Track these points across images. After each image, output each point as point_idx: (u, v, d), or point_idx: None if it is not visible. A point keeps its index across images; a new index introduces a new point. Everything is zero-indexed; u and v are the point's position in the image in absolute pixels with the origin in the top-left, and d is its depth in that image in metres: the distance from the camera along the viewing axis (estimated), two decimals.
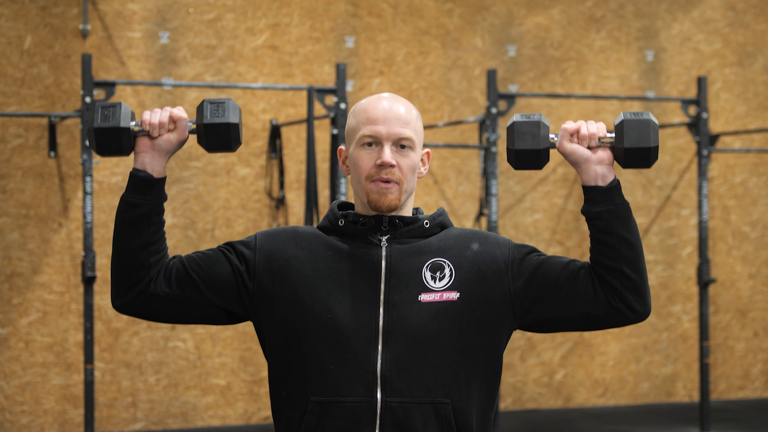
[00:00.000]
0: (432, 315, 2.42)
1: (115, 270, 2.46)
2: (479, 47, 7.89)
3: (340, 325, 2.41)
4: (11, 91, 6.91)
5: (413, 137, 2.48)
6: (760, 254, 8.55)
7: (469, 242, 2.51)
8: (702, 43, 8.39)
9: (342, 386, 2.40)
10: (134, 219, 2.44)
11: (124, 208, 2.45)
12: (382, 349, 2.41)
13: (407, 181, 2.48)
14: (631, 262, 2.43)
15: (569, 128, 2.49)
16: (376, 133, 2.46)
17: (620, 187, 2.46)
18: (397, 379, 2.40)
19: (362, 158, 2.47)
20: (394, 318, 2.41)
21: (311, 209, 6.54)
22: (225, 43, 7.32)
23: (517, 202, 7.98)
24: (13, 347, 6.95)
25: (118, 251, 2.46)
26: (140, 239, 2.44)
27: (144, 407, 7.19)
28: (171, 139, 2.48)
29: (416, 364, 2.41)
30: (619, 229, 2.44)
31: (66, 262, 6.99)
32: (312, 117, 6.56)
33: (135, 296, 2.45)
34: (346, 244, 2.50)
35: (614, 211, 2.45)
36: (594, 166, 2.47)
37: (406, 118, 2.48)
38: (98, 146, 2.44)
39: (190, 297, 2.48)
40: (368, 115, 2.48)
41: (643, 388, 8.30)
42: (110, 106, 2.44)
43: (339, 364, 2.40)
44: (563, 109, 8.05)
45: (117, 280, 2.46)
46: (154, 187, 2.46)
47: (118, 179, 7.10)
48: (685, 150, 8.33)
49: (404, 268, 2.46)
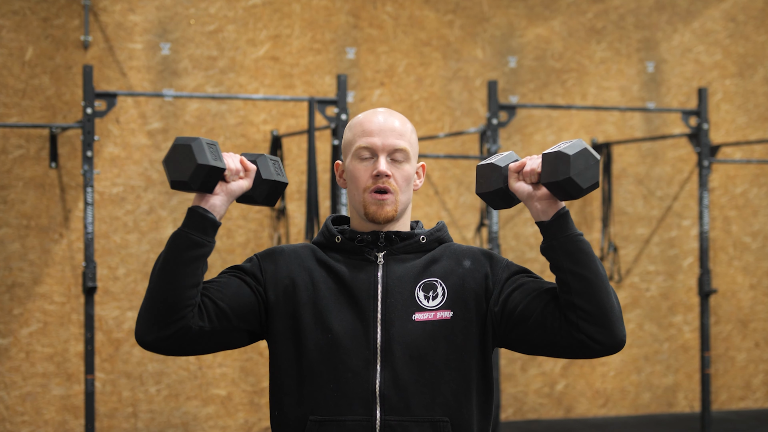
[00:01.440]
0: (427, 334, 2.43)
1: (158, 306, 2.41)
2: (480, 58, 7.90)
3: (340, 345, 2.43)
4: (13, 102, 6.92)
5: (408, 149, 2.50)
6: (761, 265, 8.55)
7: (462, 259, 2.52)
8: (702, 54, 8.40)
9: (341, 405, 2.41)
10: (195, 258, 2.41)
11: (187, 245, 2.41)
12: (381, 368, 2.42)
13: (402, 192, 2.50)
14: (583, 294, 2.38)
15: (513, 167, 2.47)
16: (372, 145, 2.49)
17: (565, 220, 2.42)
18: (395, 398, 2.41)
19: (358, 170, 2.49)
20: (392, 336, 2.43)
21: (312, 220, 6.54)
22: (226, 55, 7.33)
23: (518, 212, 7.98)
24: (13, 357, 6.95)
25: (165, 288, 2.41)
26: (194, 278, 2.41)
27: (144, 417, 7.19)
28: (243, 186, 2.47)
29: (414, 383, 2.42)
30: (565, 262, 2.41)
31: (67, 273, 7.00)
32: (313, 128, 6.57)
33: (173, 332, 2.42)
34: (343, 261, 2.51)
35: (556, 246, 2.42)
36: (535, 202, 2.44)
37: (401, 130, 2.51)
38: (202, 182, 2.39)
39: (221, 327, 2.47)
40: (364, 127, 2.50)
41: (645, 398, 8.29)
42: (213, 144, 2.40)
43: (338, 383, 2.42)
44: (564, 120, 8.06)
45: (156, 317, 2.41)
46: (217, 230, 2.46)
47: (119, 190, 7.11)
48: (686, 161, 8.33)
49: (399, 287, 2.47)
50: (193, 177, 2.37)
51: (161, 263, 2.42)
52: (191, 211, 2.42)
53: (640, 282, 8.28)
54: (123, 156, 7.12)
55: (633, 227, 8.25)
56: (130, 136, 7.14)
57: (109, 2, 7.12)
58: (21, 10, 6.95)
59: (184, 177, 2.37)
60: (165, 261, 2.41)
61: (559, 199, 2.42)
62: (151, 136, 7.17)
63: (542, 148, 8.02)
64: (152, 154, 7.17)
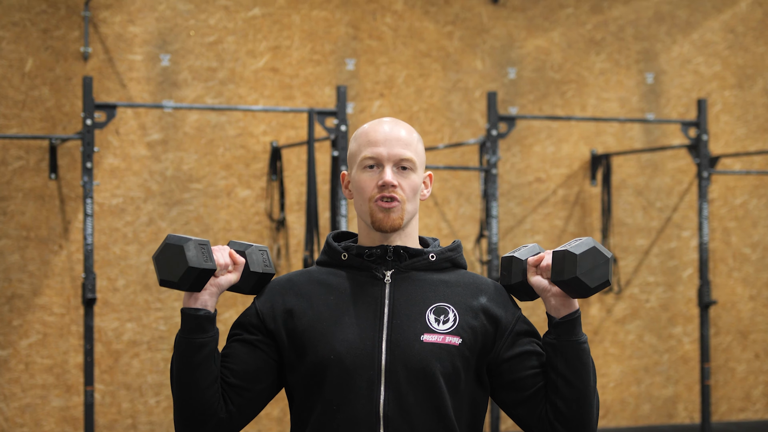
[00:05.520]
0: (435, 356, 2.41)
1: (187, 413, 2.43)
2: (479, 69, 7.91)
3: (344, 365, 2.40)
4: (12, 113, 6.92)
5: (414, 158, 2.48)
6: (760, 276, 8.55)
7: (479, 294, 2.50)
8: (702, 65, 8.41)
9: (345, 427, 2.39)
10: (205, 358, 2.42)
11: (192, 350, 2.42)
12: (385, 389, 2.40)
13: (410, 202, 2.48)
14: (568, 401, 2.42)
15: (531, 261, 2.48)
16: (377, 155, 2.46)
17: (573, 325, 2.44)
18: (399, 419, 2.38)
19: (364, 180, 2.47)
20: (397, 357, 2.40)
21: (312, 231, 6.54)
22: (226, 66, 7.34)
23: (518, 223, 7.98)
24: (13, 369, 6.94)
25: (188, 395, 2.42)
26: (211, 376, 2.42)
27: (144, 429, 7.18)
28: (231, 280, 2.48)
29: (419, 405, 2.39)
30: (561, 365, 2.43)
31: (66, 284, 6.99)
32: (312, 139, 6.57)
33: (209, 430, 2.45)
34: (348, 280, 2.49)
35: (557, 347, 2.44)
36: (550, 297, 2.46)
37: (406, 140, 2.48)
38: (192, 284, 2.40)
39: (248, 399, 2.48)
40: (369, 138, 2.48)
41: (644, 409, 8.28)
42: (204, 244, 2.42)
43: (342, 404, 2.39)
44: (563, 131, 8.06)
45: (189, 421, 2.44)
46: (214, 321, 2.45)
47: (119, 201, 7.10)
48: (686, 172, 8.34)
49: (408, 309, 2.45)
50: (183, 279, 2.39)
51: (176, 372, 2.44)
52: (185, 315, 2.43)
53: (639, 293, 8.28)
54: (123, 167, 7.12)
55: (632, 238, 8.24)
56: (129, 147, 7.14)
57: (109, 14, 7.12)
58: (21, 21, 6.95)
59: (174, 278, 2.40)
60: (178, 370, 2.43)
61: (570, 296, 2.43)
62: (150, 148, 7.17)
63: (542, 159, 8.03)
64: (152, 166, 7.17)
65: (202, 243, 2.42)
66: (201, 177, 7.27)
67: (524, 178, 8.01)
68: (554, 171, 8.06)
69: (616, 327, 8.23)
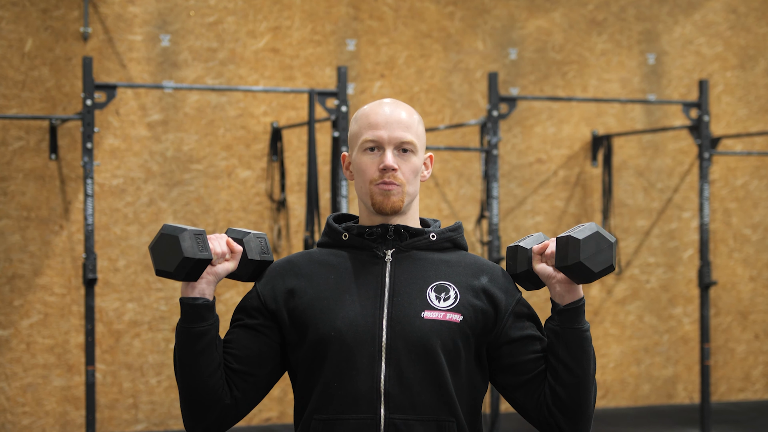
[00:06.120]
0: (435, 332, 2.41)
1: (192, 402, 2.45)
2: (480, 50, 7.89)
3: (345, 342, 2.40)
4: (12, 93, 6.91)
5: (415, 141, 2.48)
6: (761, 257, 8.56)
7: (480, 274, 2.50)
8: (703, 46, 8.39)
9: (346, 404, 2.39)
10: (206, 346, 2.44)
11: (193, 339, 2.43)
12: (386, 365, 2.40)
13: (410, 184, 2.48)
14: (567, 388, 2.44)
15: (536, 248, 2.49)
16: (378, 138, 2.46)
17: (577, 313, 2.45)
18: (400, 396, 2.38)
19: (365, 163, 2.47)
20: (397, 333, 2.40)
21: (312, 212, 6.54)
22: (226, 46, 7.32)
23: (518, 204, 7.98)
24: (14, 349, 6.95)
25: (192, 384, 2.44)
26: (213, 363, 2.44)
27: (145, 409, 7.20)
28: (228, 268, 2.48)
29: (419, 382, 2.40)
30: (562, 352, 2.44)
31: (67, 264, 7.00)
32: (313, 120, 6.56)
33: (216, 416, 2.46)
34: (350, 260, 2.49)
35: (560, 334, 2.45)
36: (555, 284, 2.46)
37: (407, 122, 2.48)
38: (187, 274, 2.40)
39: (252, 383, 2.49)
40: (370, 120, 2.48)
41: (644, 389, 8.30)
42: (200, 234, 2.42)
43: (343, 381, 2.40)
44: (564, 112, 8.05)
45: (195, 410, 2.45)
46: (213, 308, 2.46)
47: (119, 181, 7.10)
48: (687, 153, 8.33)
49: (408, 287, 2.45)
50: (179, 269, 2.40)
51: (178, 361, 2.45)
52: (184, 305, 2.44)
53: (640, 274, 8.28)
54: (123, 148, 7.11)
55: (633, 219, 8.25)
56: (129, 127, 7.14)
57: None
58: (20, 1, 6.94)
59: (170, 268, 2.40)
60: (181, 359, 2.44)
61: (574, 282, 2.44)
62: (151, 128, 7.17)
63: (543, 140, 8.02)
64: (152, 146, 7.16)
65: (198, 232, 2.42)
66: (201, 158, 7.27)
67: (525, 159, 8.01)
68: (555, 152, 8.06)
69: (616, 307, 8.24)
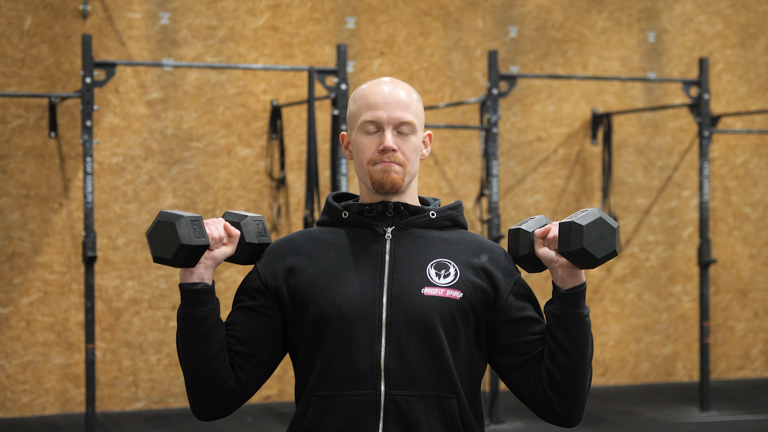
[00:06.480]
0: (435, 309, 2.41)
1: (197, 387, 2.45)
2: (480, 28, 7.88)
3: (345, 318, 2.40)
4: (11, 71, 6.90)
5: (414, 121, 2.47)
6: (760, 235, 8.56)
7: (480, 252, 2.50)
8: (704, 24, 8.37)
9: (346, 380, 2.39)
10: (208, 330, 2.44)
11: (194, 324, 2.44)
12: (386, 341, 2.40)
13: (410, 164, 2.48)
14: (564, 371, 2.44)
15: (538, 232, 2.48)
16: (377, 119, 2.45)
17: (578, 298, 2.45)
18: (400, 372, 2.38)
19: (364, 144, 2.47)
20: (397, 309, 2.40)
21: (312, 190, 6.54)
22: (225, 24, 7.31)
23: (518, 182, 7.98)
24: (14, 327, 6.96)
25: (196, 369, 2.45)
26: (216, 347, 2.45)
27: (145, 386, 7.21)
28: (226, 252, 2.49)
29: (420, 358, 2.39)
30: (561, 336, 2.44)
31: (67, 242, 7.00)
32: (313, 98, 6.56)
33: (222, 399, 2.47)
34: (349, 238, 2.49)
35: (560, 318, 2.45)
36: (558, 268, 2.46)
37: (406, 102, 2.48)
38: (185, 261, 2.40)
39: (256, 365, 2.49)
40: (368, 100, 2.47)
41: (644, 368, 8.32)
42: (197, 220, 2.42)
43: (343, 357, 2.40)
44: (564, 90, 8.04)
45: (201, 395, 2.46)
46: (212, 293, 2.46)
47: (119, 159, 7.10)
48: (687, 131, 8.32)
49: (408, 264, 2.45)
50: (176, 256, 2.40)
51: (182, 347, 2.46)
52: (183, 291, 2.44)
53: (639, 252, 8.29)
54: (122, 126, 7.11)
55: (633, 197, 8.25)
56: (129, 105, 7.13)
57: None
58: None
59: (167, 255, 2.40)
60: (184, 344, 2.45)
61: (578, 267, 2.44)
62: (150, 106, 7.16)
63: (543, 118, 8.01)
64: (152, 124, 7.16)
65: (195, 219, 2.42)
66: (201, 136, 7.26)
67: (525, 137, 8.00)
68: (555, 130, 8.05)
69: (615, 286, 8.25)
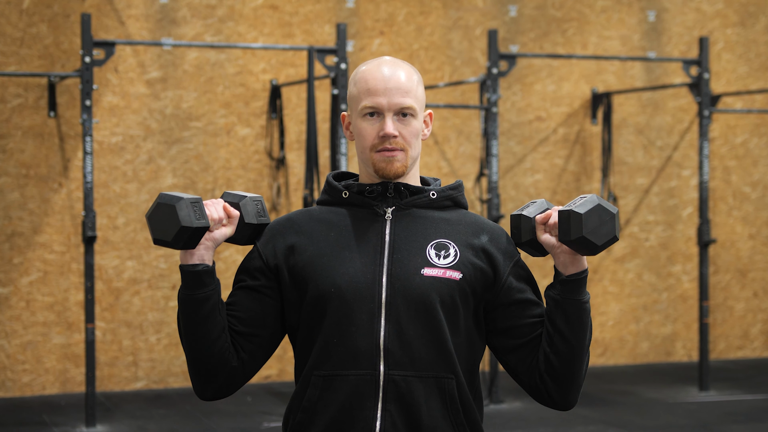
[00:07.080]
0: (434, 289, 2.41)
1: (199, 367, 2.46)
2: (480, 7, 7.85)
3: (344, 298, 2.40)
4: (10, 50, 6.88)
5: (414, 105, 2.46)
6: (760, 215, 8.56)
7: (480, 233, 2.50)
8: (704, 3, 8.35)
9: (345, 360, 2.40)
10: (209, 311, 2.44)
11: (195, 306, 2.44)
12: (385, 321, 2.40)
13: (412, 148, 2.47)
14: (561, 356, 2.45)
15: (539, 218, 2.48)
16: (377, 105, 2.44)
17: (579, 284, 2.45)
18: (400, 352, 2.39)
19: (365, 129, 2.45)
20: (397, 290, 2.40)
21: (311, 170, 6.53)
22: (225, 3, 7.28)
23: (518, 162, 7.98)
24: (14, 306, 6.97)
25: (197, 349, 2.45)
26: (217, 328, 2.45)
27: (145, 366, 7.22)
28: (226, 233, 2.49)
29: (419, 338, 2.40)
30: (559, 320, 2.45)
31: (66, 222, 7.00)
32: (312, 77, 6.54)
33: (224, 379, 2.48)
34: (350, 217, 2.49)
35: (560, 303, 2.45)
36: (559, 254, 2.46)
37: (406, 86, 2.46)
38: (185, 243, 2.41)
39: (257, 345, 2.50)
40: (369, 85, 2.45)
41: (643, 347, 8.33)
42: (196, 201, 2.41)
43: (342, 337, 2.40)
44: (564, 69, 8.03)
45: (203, 376, 2.47)
46: (213, 274, 2.46)
47: (118, 139, 7.09)
48: (686, 111, 8.31)
49: (408, 244, 2.45)
50: (176, 238, 2.40)
51: (183, 328, 2.46)
52: (184, 272, 2.45)
53: (639, 232, 8.29)
54: (122, 105, 7.09)
55: (633, 177, 8.24)
56: (128, 85, 7.11)
57: None
58: None
59: (167, 237, 2.40)
60: (186, 326, 2.46)
61: (579, 254, 2.44)
62: (150, 86, 7.14)
63: (542, 97, 8.00)
64: (151, 104, 7.14)
65: (194, 200, 2.42)
66: (200, 115, 7.25)
67: (524, 117, 7.99)
68: (555, 110, 8.04)
69: (615, 265, 8.26)
